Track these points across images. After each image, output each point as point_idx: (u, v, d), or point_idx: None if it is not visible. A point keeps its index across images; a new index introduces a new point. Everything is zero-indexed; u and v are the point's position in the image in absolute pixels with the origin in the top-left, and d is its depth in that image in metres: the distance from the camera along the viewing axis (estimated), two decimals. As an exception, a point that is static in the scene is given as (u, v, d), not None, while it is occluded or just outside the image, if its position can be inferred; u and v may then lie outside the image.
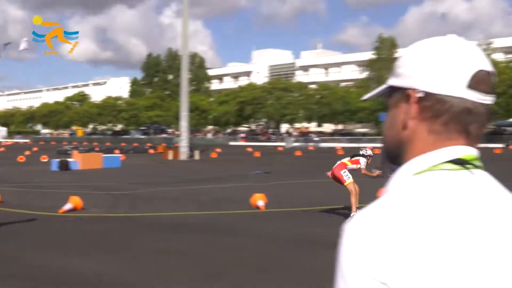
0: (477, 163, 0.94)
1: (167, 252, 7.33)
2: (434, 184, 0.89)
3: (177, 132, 54.32)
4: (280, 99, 63.42)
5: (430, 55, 0.94)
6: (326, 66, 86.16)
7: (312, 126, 73.14)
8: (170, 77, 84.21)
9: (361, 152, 10.82)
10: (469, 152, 0.94)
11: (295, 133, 65.91)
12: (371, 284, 0.80)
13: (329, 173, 10.86)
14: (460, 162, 0.91)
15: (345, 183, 10.31)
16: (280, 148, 49.15)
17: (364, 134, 61.44)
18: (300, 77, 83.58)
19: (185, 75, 34.37)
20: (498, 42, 63.73)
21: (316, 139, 57.16)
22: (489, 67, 0.94)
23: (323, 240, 7.60)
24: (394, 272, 0.80)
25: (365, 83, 62.04)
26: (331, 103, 60.04)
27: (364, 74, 70.00)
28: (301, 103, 63.15)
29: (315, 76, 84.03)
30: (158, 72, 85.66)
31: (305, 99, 63.16)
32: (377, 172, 10.75)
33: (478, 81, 0.91)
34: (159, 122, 75.90)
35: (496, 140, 47.48)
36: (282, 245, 7.84)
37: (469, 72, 0.91)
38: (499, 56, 59.76)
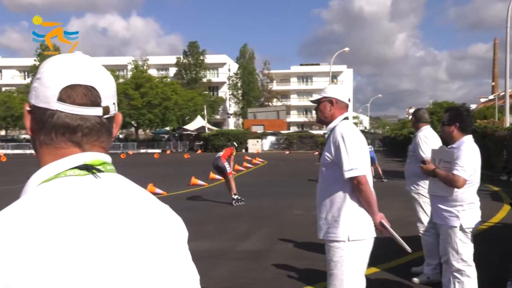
0: (106, 167, 0.94)
1: None
2: (57, 190, 0.86)
3: None
4: None
5: (44, 71, 0.94)
6: (-17, 69, 74.70)
7: (-32, 132, 62.41)
8: None
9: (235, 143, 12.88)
10: (96, 157, 0.93)
11: None
12: None
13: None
14: (86, 168, 0.90)
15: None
16: None
17: (29, 140, 55.54)
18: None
19: None
20: (153, 60, 67.25)
21: (-26, 145, 48.71)
22: (88, 82, 0.92)
23: None
24: (15, 276, 0.75)
25: (29, 88, 56.17)
26: (-8, 108, 52.25)
27: (28, 80, 63.54)
28: (-45, 106, 52.80)
29: (-29, 79, 71.88)
30: None
31: (-42, 103, 53.08)
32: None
33: (70, 95, 0.91)
34: None
35: (155, 146, 49.99)
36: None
37: (60, 86, 0.91)
38: (154, 72, 62.96)
